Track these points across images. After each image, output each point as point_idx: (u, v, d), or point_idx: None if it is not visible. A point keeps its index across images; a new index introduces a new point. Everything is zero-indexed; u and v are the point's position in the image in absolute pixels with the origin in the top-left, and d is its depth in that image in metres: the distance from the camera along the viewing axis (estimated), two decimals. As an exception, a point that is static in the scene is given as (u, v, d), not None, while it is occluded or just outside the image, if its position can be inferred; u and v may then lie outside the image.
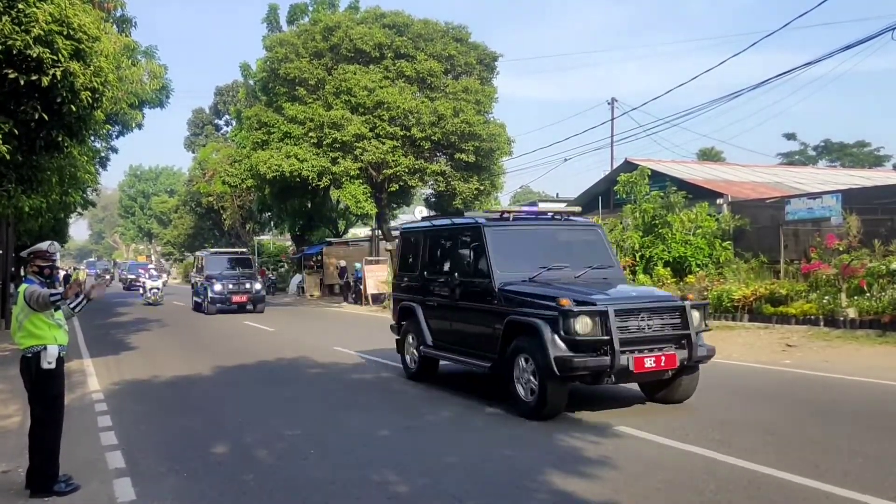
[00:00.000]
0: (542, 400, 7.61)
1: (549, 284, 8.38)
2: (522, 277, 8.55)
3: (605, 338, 7.39)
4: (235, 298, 24.48)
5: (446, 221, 10.59)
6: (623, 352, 7.43)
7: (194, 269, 30.28)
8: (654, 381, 8.26)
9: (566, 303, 7.51)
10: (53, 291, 5.83)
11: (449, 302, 9.53)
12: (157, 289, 30.15)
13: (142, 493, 5.64)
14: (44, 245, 6.10)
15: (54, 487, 5.66)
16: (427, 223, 11.39)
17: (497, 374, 8.44)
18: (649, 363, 7.55)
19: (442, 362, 10.42)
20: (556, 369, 7.38)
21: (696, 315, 8.01)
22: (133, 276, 46.95)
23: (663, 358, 7.64)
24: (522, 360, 7.92)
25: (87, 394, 10.07)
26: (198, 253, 32.01)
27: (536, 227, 9.65)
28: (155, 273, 32.54)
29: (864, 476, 5.56)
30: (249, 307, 24.77)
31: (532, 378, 7.74)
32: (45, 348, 5.76)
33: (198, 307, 26.10)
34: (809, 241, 17.09)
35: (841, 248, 15.14)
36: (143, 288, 30.85)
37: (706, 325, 8.31)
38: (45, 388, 5.81)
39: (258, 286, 25.38)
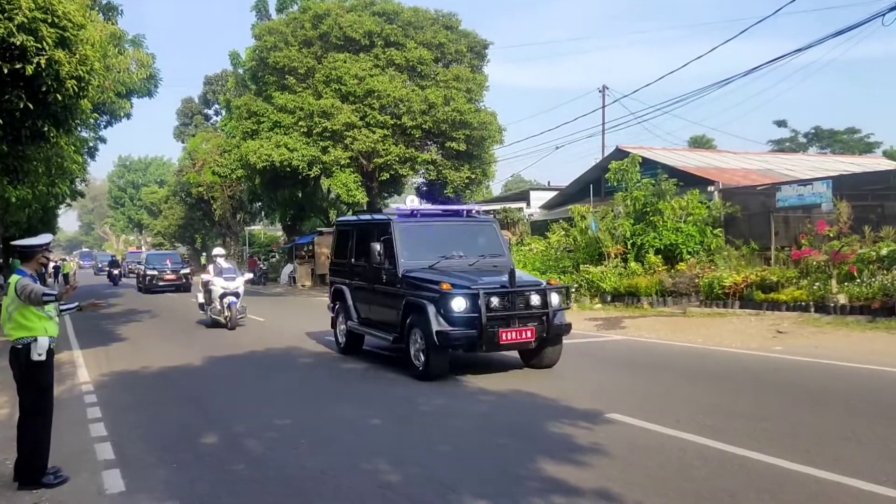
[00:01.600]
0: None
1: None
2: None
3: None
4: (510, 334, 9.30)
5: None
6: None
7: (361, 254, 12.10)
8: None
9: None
10: (47, 291, 5.81)
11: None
12: (236, 296, 16.95)
13: (131, 485, 5.60)
14: (48, 238, 6.13)
15: (43, 479, 5.62)
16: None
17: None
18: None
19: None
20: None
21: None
22: (155, 272, 33.39)
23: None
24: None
25: (77, 385, 10.01)
26: (397, 208, 13.02)
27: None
28: (230, 268, 17.61)
29: (854, 461, 5.57)
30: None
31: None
32: (36, 340, 5.71)
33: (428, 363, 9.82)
34: (800, 227, 17.13)
35: (831, 235, 15.21)
36: (209, 294, 17.30)
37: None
38: (34, 379, 5.77)
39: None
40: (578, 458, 5.84)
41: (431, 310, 9.22)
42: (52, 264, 36.14)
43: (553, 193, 31.40)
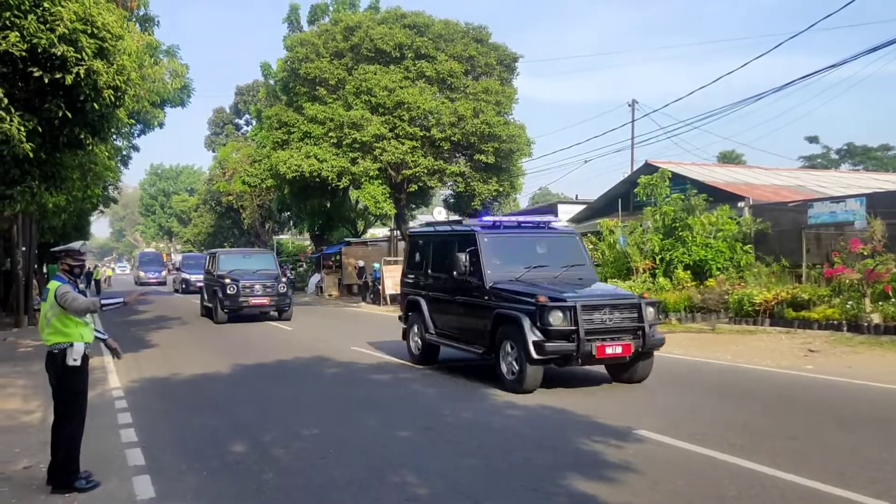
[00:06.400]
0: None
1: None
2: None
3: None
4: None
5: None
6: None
7: None
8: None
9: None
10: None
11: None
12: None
13: (161, 491, 5.66)
14: (76, 245, 6.24)
15: (75, 483, 5.70)
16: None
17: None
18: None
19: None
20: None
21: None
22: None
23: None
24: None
25: (108, 391, 10.15)
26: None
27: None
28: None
29: (891, 483, 5.45)
30: None
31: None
32: (72, 345, 5.81)
33: None
34: (832, 245, 16.88)
35: (865, 253, 14.95)
36: None
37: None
38: (69, 384, 5.86)
39: None
40: (607, 475, 5.79)
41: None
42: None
43: (581, 207, 31.26)
